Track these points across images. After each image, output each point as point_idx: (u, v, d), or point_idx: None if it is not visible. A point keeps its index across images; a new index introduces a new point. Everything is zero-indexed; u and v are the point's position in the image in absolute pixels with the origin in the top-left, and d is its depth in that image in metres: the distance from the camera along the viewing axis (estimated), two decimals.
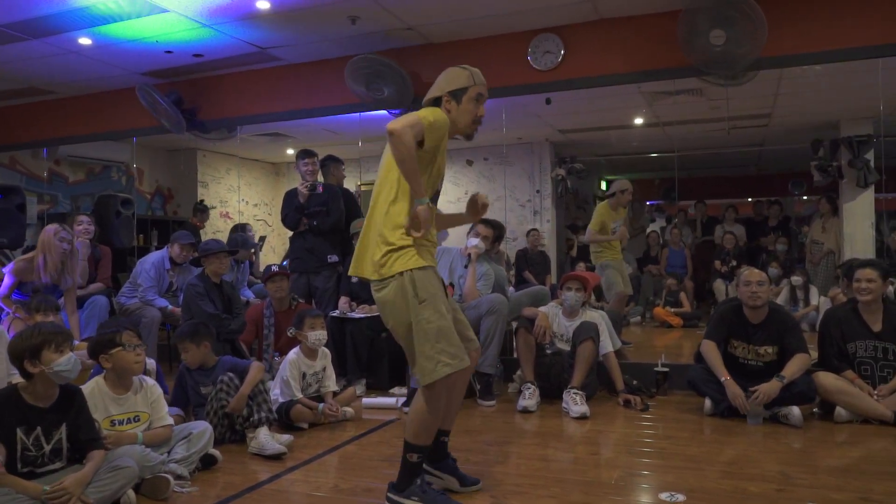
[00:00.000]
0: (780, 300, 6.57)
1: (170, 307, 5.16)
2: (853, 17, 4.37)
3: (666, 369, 4.42)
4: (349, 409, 3.95)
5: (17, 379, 2.56)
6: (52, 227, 4.52)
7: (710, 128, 7.28)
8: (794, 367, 3.70)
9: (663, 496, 2.58)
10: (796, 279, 6.63)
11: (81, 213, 5.18)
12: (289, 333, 4.52)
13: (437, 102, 2.59)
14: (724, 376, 3.77)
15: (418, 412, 2.44)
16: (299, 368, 3.87)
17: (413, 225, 2.33)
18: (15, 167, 7.54)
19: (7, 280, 4.41)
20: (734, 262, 7.55)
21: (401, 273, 2.37)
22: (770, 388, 3.63)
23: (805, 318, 6.42)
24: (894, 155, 5.97)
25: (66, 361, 2.48)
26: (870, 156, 5.92)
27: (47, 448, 2.47)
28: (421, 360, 2.36)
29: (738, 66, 4.50)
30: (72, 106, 6.84)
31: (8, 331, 3.60)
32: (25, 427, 2.44)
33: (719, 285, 7.53)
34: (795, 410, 3.62)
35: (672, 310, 7.26)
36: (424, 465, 2.57)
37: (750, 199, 9.35)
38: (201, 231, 7.31)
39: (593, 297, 5.91)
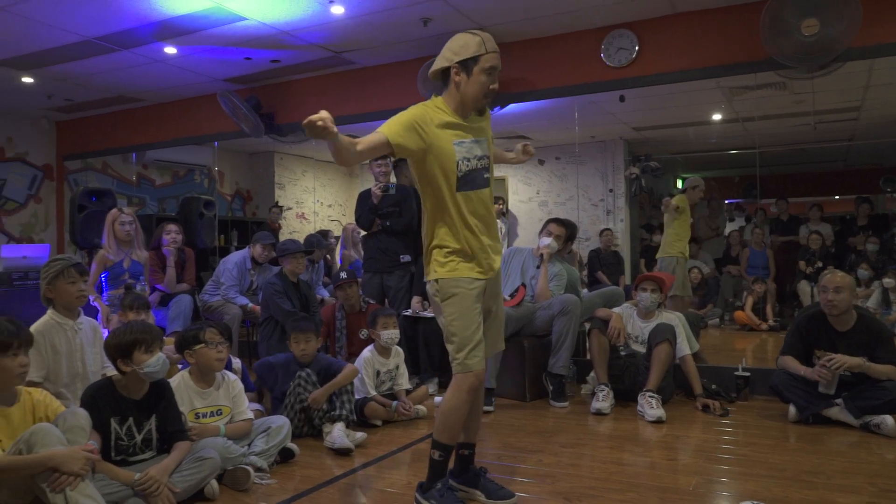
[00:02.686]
0: (871, 303, 6.24)
1: (250, 305, 5.33)
2: None
3: (747, 374, 4.27)
4: (422, 408, 3.99)
5: (111, 371, 2.71)
6: (112, 213, 4.91)
7: (794, 122, 6.98)
8: (883, 368, 3.51)
9: None
10: (888, 281, 6.28)
11: (170, 222, 5.43)
12: (361, 335, 4.61)
13: (445, 74, 2.43)
14: (801, 370, 3.65)
15: (442, 409, 2.47)
16: (373, 366, 3.94)
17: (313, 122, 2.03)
18: (107, 172, 7.97)
19: (93, 269, 4.71)
20: (820, 263, 7.21)
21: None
22: (850, 358, 3.48)
23: None
24: None
25: (155, 362, 2.61)
26: None
27: (139, 438, 2.61)
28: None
29: (830, 56, 4.29)
30: (158, 113, 7.18)
31: (102, 324, 3.82)
32: (119, 417, 2.58)
33: (804, 287, 7.20)
34: (889, 420, 3.43)
35: (759, 322, 6.99)
36: (451, 482, 2.59)
37: (837, 197, 8.91)
38: (279, 232, 7.54)
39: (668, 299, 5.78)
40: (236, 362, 3.75)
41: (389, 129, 2.33)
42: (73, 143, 7.83)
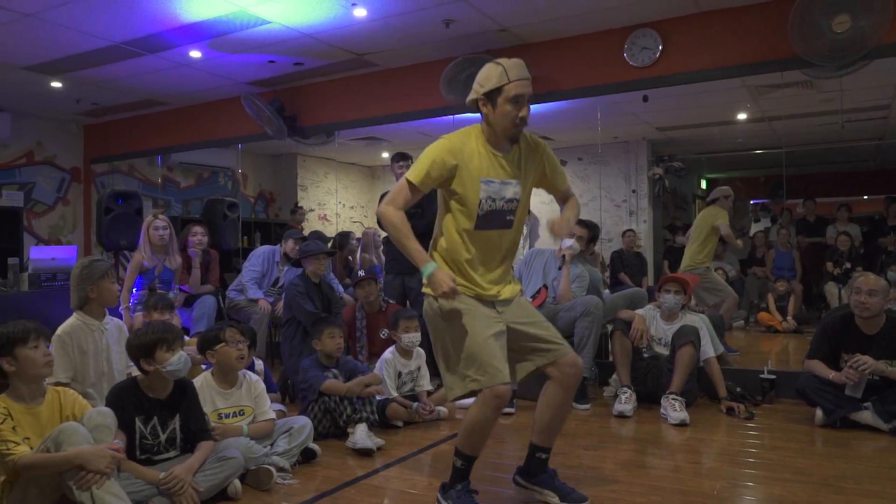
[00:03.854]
0: None
1: (263, 298, 5.33)
2: None
3: (773, 376, 4.21)
4: (443, 409, 3.99)
5: (136, 371, 2.74)
6: (147, 219, 4.95)
7: (821, 121, 6.87)
8: None
9: None
10: None
11: (196, 223, 5.49)
12: (381, 335, 4.62)
13: (477, 104, 2.41)
14: (829, 374, 3.60)
15: (466, 421, 2.46)
16: (395, 367, 3.95)
17: (439, 294, 2.28)
18: (133, 174, 8.09)
19: (128, 272, 4.78)
20: (848, 265, 7.09)
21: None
22: (878, 362, 3.43)
23: None
24: None
25: (177, 361, 2.64)
26: None
27: (163, 437, 2.64)
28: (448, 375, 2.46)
29: (862, 52, 4.21)
30: (183, 116, 7.27)
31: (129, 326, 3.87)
32: (143, 417, 2.61)
33: (831, 288, 7.08)
34: None
35: (782, 321, 6.89)
36: (520, 480, 2.61)
37: (866, 197, 8.74)
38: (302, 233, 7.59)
39: (693, 302, 5.72)
40: (259, 364, 3.78)
41: (414, 174, 2.36)
42: (101, 146, 7.97)
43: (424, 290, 2.44)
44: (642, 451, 3.34)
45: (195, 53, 5.52)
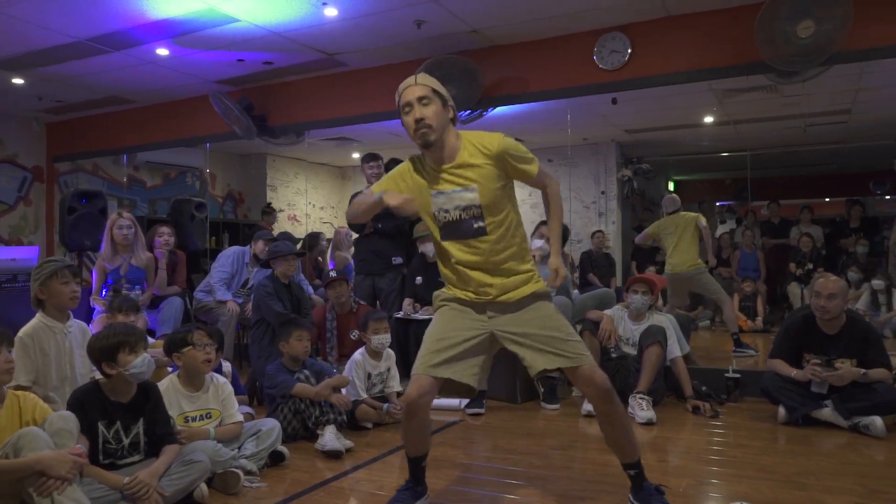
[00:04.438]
0: (861, 305, 6.27)
1: (231, 300, 5.28)
2: None
3: (737, 375, 4.28)
4: None
5: (99, 375, 2.69)
6: (112, 217, 4.88)
7: (784, 125, 7.01)
8: (876, 374, 3.53)
9: None
10: (878, 283, 6.31)
11: (162, 224, 5.40)
12: (352, 336, 4.60)
13: None
14: (791, 372, 3.68)
15: None
16: (365, 369, 3.93)
17: (391, 205, 2.36)
18: (97, 173, 7.94)
19: (93, 277, 4.69)
20: (810, 266, 7.25)
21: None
22: (847, 371, 3.51)
23: (888, 323, 6.12)
24: None
25: (140, 363, 2.59)
26: None
27: (126, 441, 2.59)
28: None
29: (825, 56, 4.31)
30: (149, 114, 7.15)
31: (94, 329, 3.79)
32: (106, 421, 2.56)
33: (794, 289, 7.23)
34: (878, 421, 3.44)
35: (748, 321, 7.02)
36: (631, 498, 2.49)
37: (828, 200, 8.95)
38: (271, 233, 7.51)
39: (660, 301, 5.79)
40: (226, 366, 3.74)
41: (378, 185, 2.49)
42: (64, 144, 7.79)
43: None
44: (610, 450, 3.37)
45: (162, 51, 5.44)
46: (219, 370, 3.49)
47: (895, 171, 6.10)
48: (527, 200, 7.73)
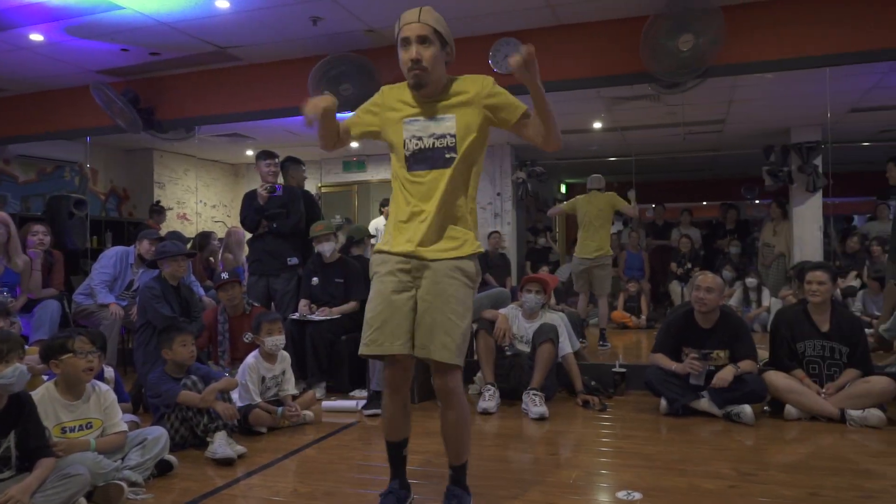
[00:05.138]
0: (734, 301, 6.74)
1: (114, 303, 5.01)
2: (804, 27, 4.52)
3: (623, 370, 4.50)
4: (309, 413, 3.92)
5: None
6: None
7: (666, 133, 7.43)
8: (744, 366, 3.81)
9: (620, 495, 2.63)
10: (750, 281, 6.80)
11: (36, 222, 5.05)
12: (245, 339, 4.47)
13: None
14: (672, 365, 3.91)
15: None
16: (258, 372, 3.83)
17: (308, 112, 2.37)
18: None
19: None
20: (689, 265, 7.72)
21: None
22: (725, 372, 3.76)
23: (757, 318, 6.60)
24: (841, 161, 6.18)
25: (11, 373, 2.41)
26: (818, 161, 6.13)
27: None
28: None
29: (703, 66, 4.60)
30: (23, 104, 6.65)
31: None
32: None
33: (675, 287, 7.68)
34: (747, 409, 3.72)
35: (633, 318, 7.38)
36: None
37: (705, 203, 9.57)
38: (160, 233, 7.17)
39: (553, 300, 5.99)
40: (109, 371, 3.54)
41: (352, 115, 2.47)
42: None
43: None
44: (504, 445, 3.46)
45: (36, 37, 5.07)
46: (101, 377, 3.30)
47: (763, 178, 6.59)
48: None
